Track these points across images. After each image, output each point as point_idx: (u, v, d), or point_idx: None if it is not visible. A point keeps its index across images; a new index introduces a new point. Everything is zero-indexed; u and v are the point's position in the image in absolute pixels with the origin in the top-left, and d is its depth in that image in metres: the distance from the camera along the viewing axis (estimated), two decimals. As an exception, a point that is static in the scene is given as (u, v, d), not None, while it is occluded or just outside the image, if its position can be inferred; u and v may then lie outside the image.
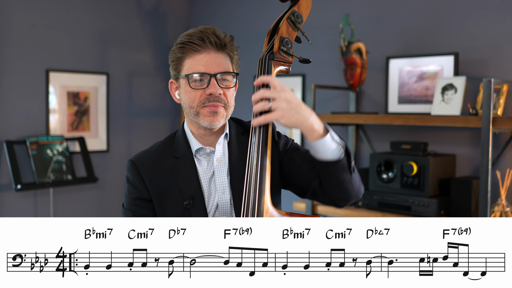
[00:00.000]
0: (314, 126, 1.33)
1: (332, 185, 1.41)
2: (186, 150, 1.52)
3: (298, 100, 1.34)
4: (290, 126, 1.33)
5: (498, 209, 2.54)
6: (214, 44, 1.45)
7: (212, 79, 1.44)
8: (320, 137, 1.35)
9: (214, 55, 1.46)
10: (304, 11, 1.47)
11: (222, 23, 4.11)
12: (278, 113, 1.30)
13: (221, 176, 1.51)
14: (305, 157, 1.49)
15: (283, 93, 1.31)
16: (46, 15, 3.61)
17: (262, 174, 1.34)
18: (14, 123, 3.49)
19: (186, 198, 1.47)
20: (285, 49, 1.41)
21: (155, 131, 4.23)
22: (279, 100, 1.30)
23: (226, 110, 1.48)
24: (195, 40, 1.45)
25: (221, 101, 1.46)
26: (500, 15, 2.72)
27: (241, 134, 1.57)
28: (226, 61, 1.47)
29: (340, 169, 1.38)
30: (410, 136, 3.04)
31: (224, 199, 1.50)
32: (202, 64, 1.45)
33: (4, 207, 3.49)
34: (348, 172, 1.39)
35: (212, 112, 1.45)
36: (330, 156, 1.37)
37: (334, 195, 1.44)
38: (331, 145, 1.36)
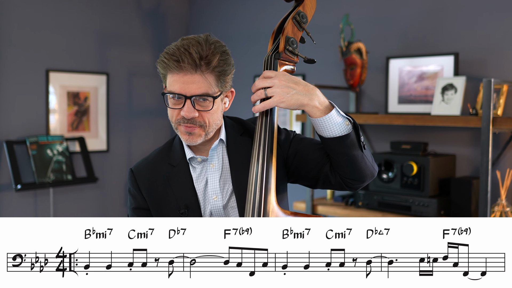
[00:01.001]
0: (316, 103, 1.32)
1: (344, 165, 1.37)
2: (182, 158, 1.51)
3: (295, 80, 1.32)
4: (292, 108, 1.32)
5: (498, 209, 2.54)
6: (188, 65, 1.34)
7: (187, 101, 1.37)
8: (325, 113, 1.33)
9: (190, 77, 1.36)
10: (309, 11, 1.47)
11: (222, 23, 4.11)
12: (276, 98, 1.29)
13: (213, 182, 1.49)
14: (310, 147, 1.47)
15: (276, 79, 1.30)
16: (46, 15, 3.61)
17: (268, 174, 1.33)
18: (14, 123, 3.49)
19: (182, 206, 1.47)
20: (290, 48, 1.41)
21: (155, 131, 4.23)
22: (274, 87, 1.30)
23: (203, 130, 1.42)
24: (171, 62, 1.36)
25: (196, 123, 1.40)
26: (500, 15, 2.72)
27: (240, 136, 1.54)
28: (204, 82, 1.36)
29: (350, 145, 1.34)
30: (410, 136, 3.04)
31: (216, 205, 1.48)
32: (178, 85, 1.37)
33: (4, 207, 3.49)
34: (359, 149, 1.36)
35: (187, 132, 1.42)
36: (337, 132, 1.34)
37: (347, 176, 1.40)
38: (337, 119, 1.33)
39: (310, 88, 1.32)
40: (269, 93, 1.30)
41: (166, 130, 4.29)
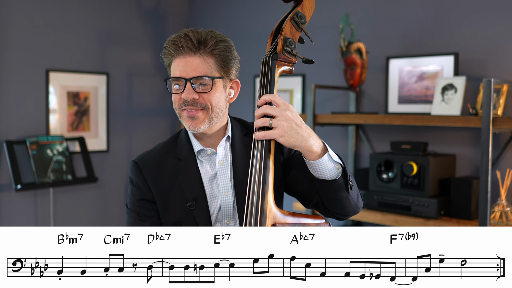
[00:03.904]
0: (313, 147, 1.35)
1: (330, 201, 1.44)
2: (189, 152, 1.52)
3: (300, 120, 1.35)
4: (289, 146, 1.34)
5: (498, 209, 2.54)
6: (187, 48, 1.42)
7: (188, 83, 1.42)
8: (319, 157, 1.37)
9: (189, 59, 1.43)
10: (308, 11, 1.47)
11: (222, 23, 4.11)
12: (278, 131, 1.31)
13: (224, 178, 1.51)
14: (306, 173, 1.50)
15: (285, 111, 1.32)
16: (46, 15, 3.61)
17: (265, 174, 1.34)
18: (14, 123, 3.49)
19: (189, 199, 1.47)
20: (288, 49, 1.42)
21: (155, 131, 4.23)
22: (281, 118, 1.32)
23: (207, 113, 1.45)
24: (171, 46, 1.45)
25: (198, 105, 1.43)
26: (500, 15, 2.72)
27: (245, 136, 1.57)
28: (203, 64, 1.43)
29: (337, 187, 1.41)
30: (410, 136, 3.04)
31: (227, 201, 1.50)
32: (178, 69, 1.44)
33: (4, 207, 3.49)
34: (345, 190, 1.42)
35: (190, 117, 1.45)
36: (327, 175, 1.40)
37: (333, 211, 1.47)
38: (329, 165, 1.38)
39: (310, 132, 1.36)
40: (273, 124, 1.32)
41: (166, 130, 4.29)
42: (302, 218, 1.35)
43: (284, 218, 1.33)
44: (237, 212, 1.50)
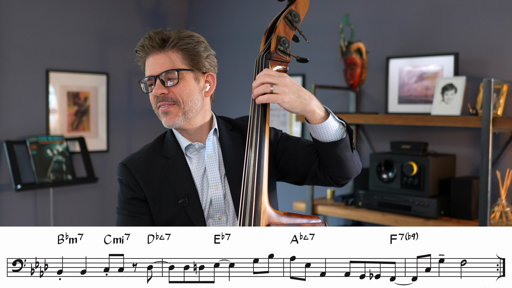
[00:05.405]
0: (316, 109, 1.35)
1: (335, 164, 1.43)
2: (177, 150, 1.53)
3: (298, 85, 1.35)
4: (293, 110, 1.33)
5: (498, 209, 2.54)
6: (152, 47, 1.47)
7: (157, 80, 1.45)
8: (323, 119, 1.37)
9: (155, 57, 1.48)
10: (302, 10, 1.46)
11: (222, 23, 4.11)
12: (281, 96, 1.31)
13: (213, 171, 1.51)
14: (299, 144, 1.52)
15: (283, 78, 1.32)
16: (46, 15, 3.61)
17: (259, 175, 1.34)
18: (14, 123, 3.49)
19: (181, 196, 1.47)
20: (282, 48, 1.41)
21: (155, 131, 4.23)
22: (281, 84, 1.31)
23: (179, 107, 1.47)
24: (138, 49, 1.52)
25: (168, 100, 1.46)
26: (500, 15, 2.72)
27: (230, 130, 1.58)
28: (168, 59, 1.46)
29: (344, 147, 1.40)
30: (410, 136, 3.04)
31: (217, 194, 1.50)
32: (148, 69, 1.49)
33: (4, 207, 3.49)
34: (350, 150, 1.43)
35: (163, 112, 1.48)
36: (333, 137, 1.39)
37: (336, 174, 1.46)
38: (334, 125, 1.38)
39: (311, 95, 1.36)
40: (275, 90, 1.31)
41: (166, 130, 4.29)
42: (297, 218, 1.34)
43: (278, 219, 1.33)
44: (229, 206, 1.50)
